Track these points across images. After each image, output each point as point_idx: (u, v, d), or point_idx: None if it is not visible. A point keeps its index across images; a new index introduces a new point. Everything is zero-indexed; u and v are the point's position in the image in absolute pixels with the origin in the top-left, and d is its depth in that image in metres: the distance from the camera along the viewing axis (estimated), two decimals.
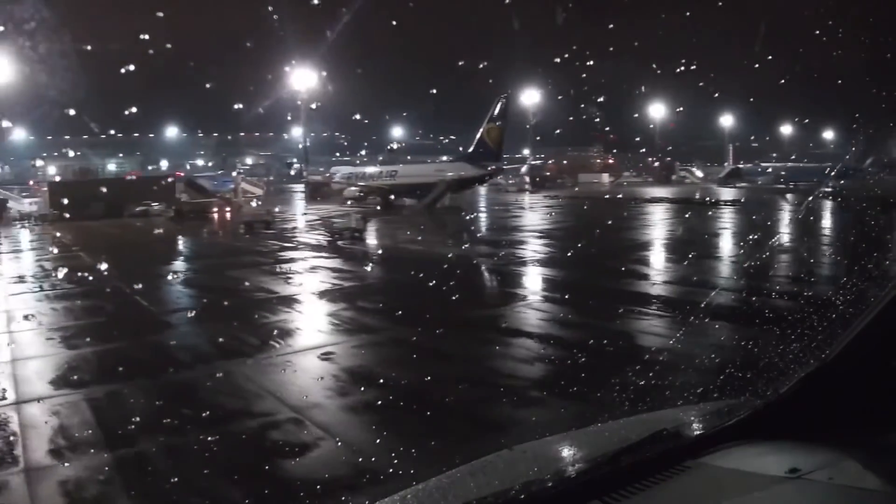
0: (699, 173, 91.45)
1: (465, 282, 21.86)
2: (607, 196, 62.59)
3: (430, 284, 19.45)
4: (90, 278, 22.75)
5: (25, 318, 16.99)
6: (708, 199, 50.98)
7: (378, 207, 50.95)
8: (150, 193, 54.96)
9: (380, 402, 10.46)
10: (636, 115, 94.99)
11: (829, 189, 43.32)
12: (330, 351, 13.48)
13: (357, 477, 7.98)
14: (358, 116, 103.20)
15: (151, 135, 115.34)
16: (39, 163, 79.96)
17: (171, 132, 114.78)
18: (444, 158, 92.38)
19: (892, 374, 2.54)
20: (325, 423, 9.81)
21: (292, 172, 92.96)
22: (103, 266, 25.48)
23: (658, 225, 38.06)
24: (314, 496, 7.61)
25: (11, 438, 9.64)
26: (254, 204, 58.09)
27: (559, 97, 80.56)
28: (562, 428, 3.72)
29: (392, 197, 53.13)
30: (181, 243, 34.31)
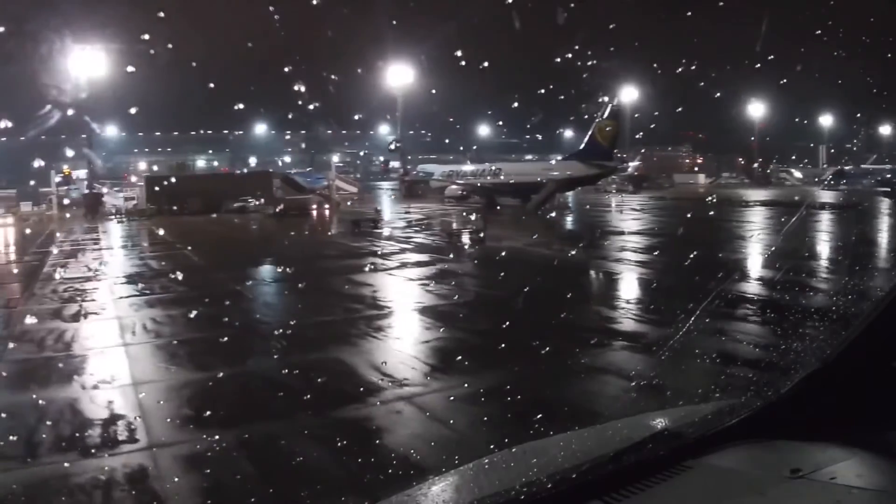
0: (798, 174, 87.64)
1: (623, 293, 18.83)
2: (717, 198, 58.08)
3: (586, 296, 16.64)
4: (203, 280, 20.45)
5: (142, 327, 14.63)
6: (826, 202, 46.78)
7: (481, 207, 48.10)
8: (247, 189, 53.58)
9: None
10: (724, 115, 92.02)
11: None
12: (515, 381, 10.38)
13: None
14: (443, 114, 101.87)
15: (240, 132, 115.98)
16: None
17: (260, 129, 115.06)
18: (528, 157, 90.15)
19: (894, 374, 2.45)
20: None
21: (389, 167, 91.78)
22: (214, 266, 23.23)
23: (806, 231, 34.04)
24: None
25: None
26: (351, 202, 56.34)
27: (645, 96, 77.22)
28: None
29: (496, 196, 50.21)
30: (291, 242, 31.77)
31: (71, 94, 59.82)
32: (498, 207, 46.91)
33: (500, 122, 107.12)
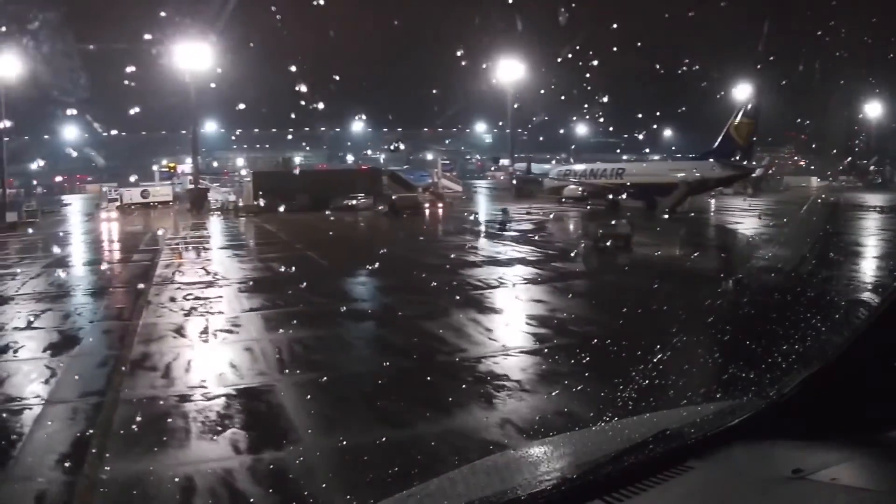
0: None
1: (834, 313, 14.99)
2: (849, 201, 52.39)
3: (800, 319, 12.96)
4: (342, 290, 17.59)
5: (289, 354, 11.68)
6: None
7: (604, 209, 44.36)
8: (356, 186, 51.40)
9: None
10: (823, 115, 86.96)
11: None
12: None
13: None
14: (541, 112, 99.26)
15: (337, 129, 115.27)
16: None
17: (356, 126, 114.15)
18: (634, 155, 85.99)
19: (895, 374, 2.37)
20: None
21: (500, 165, 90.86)
22: (346, 272, 20.29)
23: None
24: None
25: None
26: (458, 200, 53.56)
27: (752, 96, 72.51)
28: None
29: (620, 198, 46.30)
30: (420, 245, 28.34)
31: (172, 92, 59.20)
32: (623, 208, 43.10)
33: (602, 120, 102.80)
